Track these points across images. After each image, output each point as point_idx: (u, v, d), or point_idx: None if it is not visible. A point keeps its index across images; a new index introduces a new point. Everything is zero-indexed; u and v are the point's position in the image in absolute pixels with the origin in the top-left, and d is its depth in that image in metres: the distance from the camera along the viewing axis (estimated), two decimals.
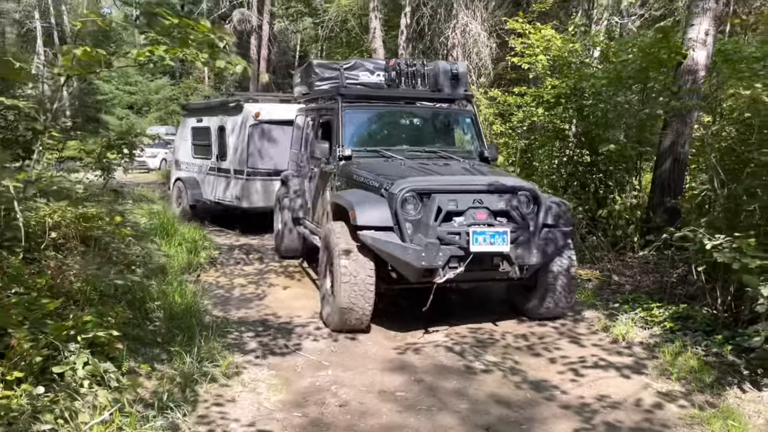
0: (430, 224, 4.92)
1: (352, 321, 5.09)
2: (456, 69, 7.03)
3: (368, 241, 4.98)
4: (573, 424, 3.65)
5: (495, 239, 4.92)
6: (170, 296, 5.38)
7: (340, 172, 6.06)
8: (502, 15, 15.67)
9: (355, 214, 5.02)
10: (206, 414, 3.67)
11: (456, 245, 4.91)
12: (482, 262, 5.03)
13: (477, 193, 5.14)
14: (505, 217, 5.16)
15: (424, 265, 4.87)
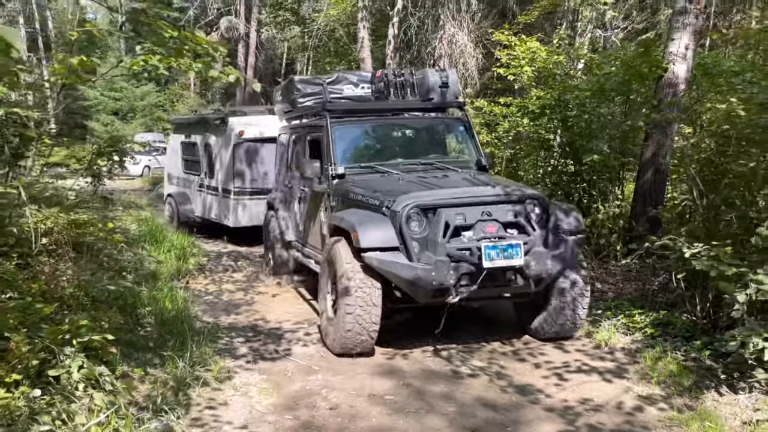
0: (439, 241, 4.66)
1: (358, 344, 4.80)
2: (446, 76, 6.75)
3: (374, 263, 4.68)
4: (557, 426, 3.76)
5: (508, 253, 4.66)
6: (161, 302, 5.44)
7: (335, 192, 5.72)
8: (489, 26, 15.93)
9: (357, 236, 4.72)
10: (199, 417, 3.75)
11: (467, 262, 4.65)
12: (495, 278, 4.76)
13: (485, 205, 4.89)
14: (515, 228, 4.93)
15: (435, 285, 4.60)
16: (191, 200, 10.85)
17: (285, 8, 20.00)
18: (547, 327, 5.29)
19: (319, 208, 6.12)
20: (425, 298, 4.77)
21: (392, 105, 6.65)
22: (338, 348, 4.88)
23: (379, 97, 6.75)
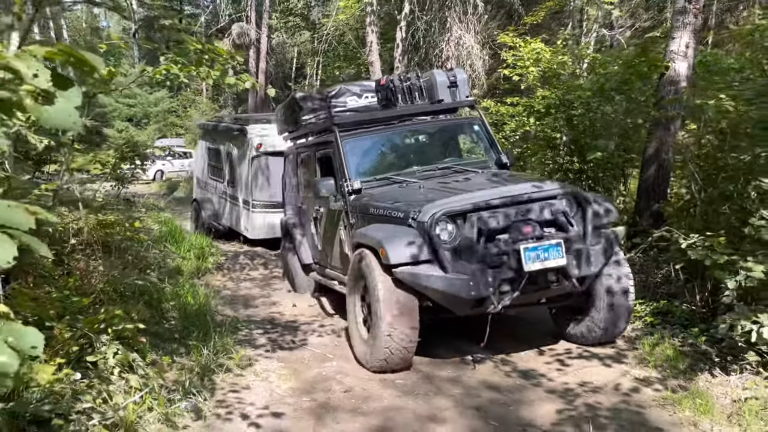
0: (473, 248, 4.42)
1: (397, 363, 4.57)
2: (453, 76, 6.49)
3: (407, 278, 4.43)
4: (556, 405, 4.01)
5: (549, 253, 4.37)
6: (183, 297, 5.75)
7: (353, 208, 5.49)
8: (496, 27, 16.18)
9: (386, 252, 4.46)
10: (224, 399, 4.05)
11: (506, 267, 4.37)
12: (536, 282, 4.49)
13: (517, 205, 4.62)
14: (553, 226, 4.66)
15: (474, 296, 4.34)
16: (215, 206, 10.88)
17: (295, 14, 20.32)
18: (590, 331, 5.00)
19: (338, 227, 5.91)
20: (464, 309, 4.53)
21: (401, 111, 6.35)
22: (377, 367, 4.63)
23: (386, 105, 6.42)
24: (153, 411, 3.53)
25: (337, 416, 3.89)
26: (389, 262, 4.44)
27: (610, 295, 4.88)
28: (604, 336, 5.00)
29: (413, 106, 6.42)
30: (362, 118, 6.24)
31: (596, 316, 4.95)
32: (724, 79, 6.59)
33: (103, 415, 3.23)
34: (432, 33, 14.00)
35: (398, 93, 6.46)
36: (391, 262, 4.43)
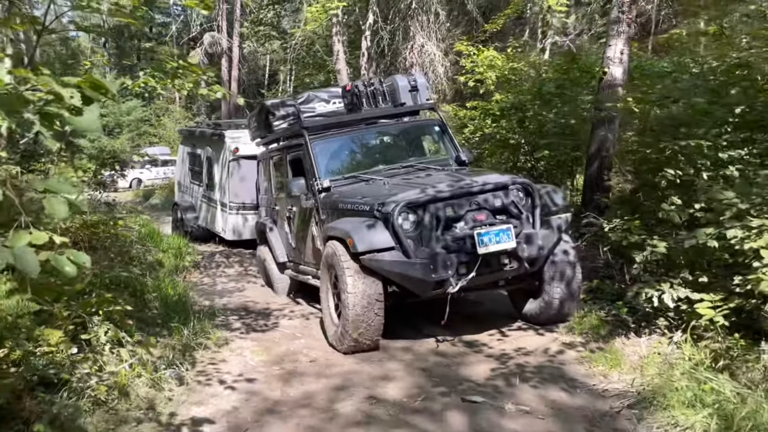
0: (432, 235, 4.90)
1: (364, 341, 4.97)
2: (414, 80, 6.94)
3: (373, 265, 4.87)
4: (492, 365, 4.68)
5: (500, 237, 4.86)
6: (164, 289, 6.30)
7: (323, 205, 5.90)
8: (459, 33, 16.94)
9: (353, 241, 4.89)
10: (204, 369, 4.64)
11: (462, 251, 4.84)
12: (490, 264, 4.95)
13: (471, 195, 5.10)
14: (504, 214, 5.15)
15: (435, 278, 4.79)
16: (195, 209, 11.28)
17: (265, 24, 20.89)
18: (543, 311, 5.49)
19: (310, 223, 6.28)
20: (426, 291, 4.96)
21: (365, 114, 6.74)
22: (346, 348, 5.03)
23: (352, 109, 6.84)
24: (142, 377, 4.11)
25: (303, 380, 4.51)
26: (356, 250, 4.86)
27: (559, 277, 5.38)
28: (556, 315, 5.48)
29: (377, 109, 6.82)
30: (330, 121, 6.68)
31: (547, 297, 5.42)
32: (646, 83, 7.36)
33: (99, 377, 3.81)
34: (396, 41, 14.69)
35: (363, 97, 6.84)
36: (358, 250, 4.86)
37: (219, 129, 10.57)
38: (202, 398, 4.15)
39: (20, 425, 3.11)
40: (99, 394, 3.69)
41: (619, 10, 8.52)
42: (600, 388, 4.20)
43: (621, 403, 3.91)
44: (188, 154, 11.90)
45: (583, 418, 3.76)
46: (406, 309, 5.65)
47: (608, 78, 8.55)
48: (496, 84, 10.36)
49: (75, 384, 3.67)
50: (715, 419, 3.49)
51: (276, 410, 3.96)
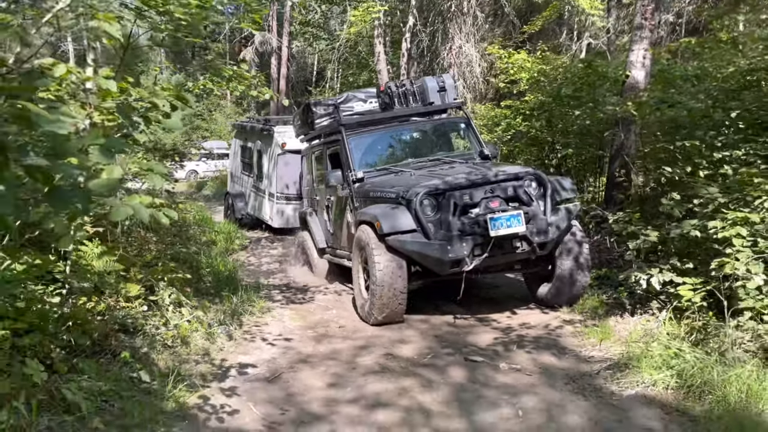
0: (450, 219, 5.44)
1: (390, 314, 5.55)
2: (442, 81, 7.48)
3: (396, 244, 5.44)
4: (495, 335, 5.37)
5: (511, 222, 5.35)
6: (216, 266, 7.19)
7: (356, 194, 6.48)
8: (499, 34, 17.49)
9: (380, 224, 5.48)
10: (249, 330, 5.48)
11: (476, 234, 5.36)
12: (503, 247, 5.46)
13: (487, 185, 5.61)
14: (516, 201, 5.63)
15: (451, 257, 5.32)
16: (245, 199, 12.21)
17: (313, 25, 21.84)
18: (555, 295, 6.00)
19: (345, 211, 6.89)
20: (444, 269, 5.48)
21: (397, 113, 7.37)
22: (374, 320, 5.63)
23: (385, 108, 7.47)
24: (198, 332, 4.96)
25: (332, 340, 5.31)
26: (383, 231, 5.46)
27: (570, 262, 5.86)
28: (567, 297, 5.96)
29: (407, 108, 7.43)
30: (364, 119, 7.32)
31: (558, 281, 5.91)
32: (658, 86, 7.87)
33: (166, 327, 4.68)
34: (436, 42, 15.35)
35: (395, 97, 7.46)
36: (384, 232, 5.46)
37: (269, 124, 11.31)
38: (247, 350, 4.99)
39: (109, 356, 3.99)
40: (166, 340, 4.55)
41: (642, 17, 9.00)
42: (586, 355, 4.85)
43: (600, 366, 4.55)
44: (240, 147, 12.80)
45: (565, 376, 4.42)
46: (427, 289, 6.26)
47: (630, 81, 9.05)
48: (528, 85, 10.95)
49: (147, 331, 4.53)
50: (674, 378, 4.11)
51: (307, 361, 4.76)
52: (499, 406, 3.91)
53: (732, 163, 5.95)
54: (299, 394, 4.10)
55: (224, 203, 13.10)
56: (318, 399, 4.02)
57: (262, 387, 4.22)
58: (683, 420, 3.65)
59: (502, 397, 4.04)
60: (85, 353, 3.86)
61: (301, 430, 3.57)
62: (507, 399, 4.02)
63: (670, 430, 3.53)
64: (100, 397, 3.44)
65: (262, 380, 4.35)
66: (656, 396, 4.01)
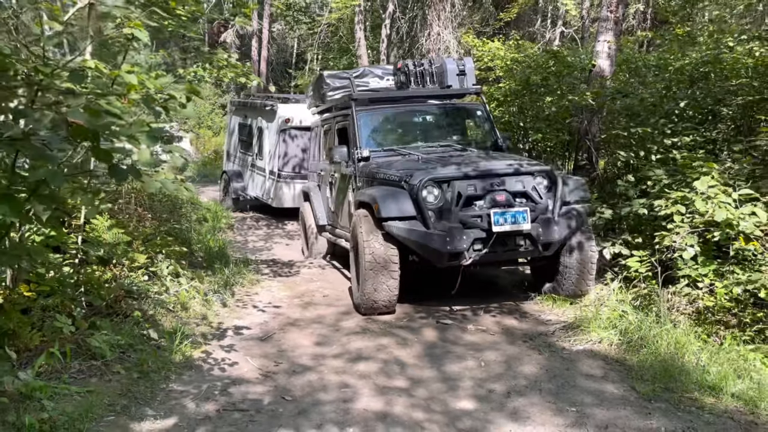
0: (452, 210, 5.18)
1: (379, 304, 5.31)
2: (463, 65, 7.07)
3: (393, 230, 5.18)
4: (465, 304, 5.94)
5: (516, 218, 5.13)
6: (206, 242, 7.67)
7: (360, 173, 6.20)
8: (477, 21, 17.96)
9: (378, 207, 5.21)
10: (241, 299, 6.00)
11: (478, 228, 5.13)
12: (505, 243, 5.23)
13: (494, 177, 5.34)
14: (524, 197, 5.39)
15: (450, 250, 5.07)
16: (244, 178, 11.74)
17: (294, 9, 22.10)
18: (557, 291, 5.81)
19: (348, 189, 6.61)
20: (442, 261, 5.24)
21: (412, 93, 7.02)
22: (363, 309, 5.42)
23: (401, 87, 7.17)
24: (195, 299, 5.47)
25: (317, 307, 5.85)
26: (380, 215, 5.23)
27: (577, 262, 5.65)
28: (571, 294, 5.74)
29: (423, 89, 7.09)
30: (377, 96, 7.02)
31: (563, 279, 5.74)
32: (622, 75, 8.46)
33: (167, 293, 5.18)
34: (415, 28, 15.80)
35: (411, 77, 7.12)
36: (382, 215, 5.22)
37: (272, 100, 10.97)
38: (241, 315, 5.51)
39: (121, 316, 4.48)
40: (168, 305, 5.05)
41: (607, 9, 9.56)
42: (544, 319, 5.46)
43: (555, 327, 5.16)
44: (238, 125, 12.30)
45: (524, 335, 5.02)
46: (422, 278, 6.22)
47: (597, 70, 9.63)
48: (503, 72, 11.48)
49: (151, 297, 5.03)
50: (617, 336, 4.73)
51: (296, 324, 5.30)
52: (465, 359, 4.49)
53: (681, 149, 6.59)
54: (290, 351, 4.64)
55: (221, 184, 12.69)
56: (306, 354, 4.57)
57: (257, 345, 4.76)
58: (620, 368, 4.27)
59: (468, 352, 4.62)
60: (101, 314, 4.35)
61: (293, 378, 4.11)
62: (472, 354, 4.60)
63: (608, 376, 4.14)
64: (118, 349, 3.96)
65: (256, 339, 4.88)
66: (601, 350, 4.63)
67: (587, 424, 3.46)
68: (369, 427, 3.43)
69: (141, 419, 3.34)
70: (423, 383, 4.05)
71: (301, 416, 3.53)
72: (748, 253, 4.93)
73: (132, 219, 6.27)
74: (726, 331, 4.77)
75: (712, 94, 7.18)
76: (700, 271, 5.13)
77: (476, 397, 3.84)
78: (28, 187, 2.68)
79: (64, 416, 3.05)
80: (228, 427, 3.37)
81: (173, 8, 4.39)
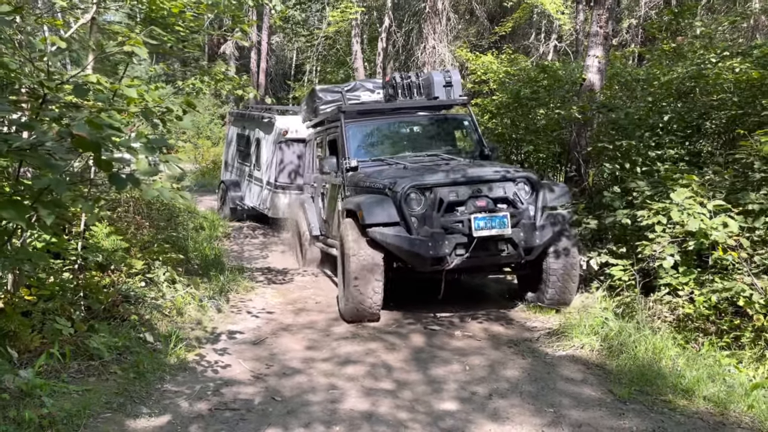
0: (434, 215, 5.32)
1: (364, 312, 5.40)
2: (449, 76, 7.22)
3: (377, 236, 5.30)
4: (453, 311, 6.10)
5: (496, 223, 5.25)
6: (203, 250, 7.82)
7: (348, 182, 6.34)
8: (472, 34, 18.25)
9: (363, 214, 5.36)
10: (235, 305, 6.16)
11: (460, 233, 5.26)
12: (487, 248, 5.34)
13: (476, 183, 5.48)
14: (506, 203, 5.52)
15: (432, 254, 5.22)
16: (241, 188, 11.81)
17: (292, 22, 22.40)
18: (541, 299, 5.86)
19: (337, 199, 6.79)
20: (424, 267, 5.40)
21: (399, 105, 7.20)
22: (348, 316, 5.53)
23: (389, 100, 7.35)
24: (191, 304, 5.62)
25: (309, 313, 6.01)
26: (364, 222, 5.36)
27: (560, 268, 5.72)
28: (555, 302, 5.79)
29: (410, 100, 7.27)
30: (365, 108, 7.22)
31: (547, 285, 5.77)
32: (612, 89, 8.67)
33: (163, 298, 5.34)
34: (411, 42, 16.06)
35: (398, 89, 7.31)
36: (365, 222, 5.36)
37: (270, 112, 11.10)
38: (235, 320, 5.67)
39: (118, 320, 4.64)
40: (164, 310, 5.21)
41: (597, 25, 9.79)
42: (530, 326, 5.61)
43: (540, 333, 5.32)
44: (237, 135, 12.47)
45: (509, 341, 5.18)
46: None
47: (587, 83, 9.85)
48: (497, 85, 11.72)
49: (148, 302, 5.19)
50: (599, 341, 4.89)
51: (288, 329, 5.45)
52: (450, 363, 4.65)
53: (665, 162, 6.77)
54: (281, 354, 4.80)
55: (219, 194, 12.78)
56: (297, 358, 4.72)
57: (249, 349, 4.91)
58: (600, 372, 4.43)
59: (454, 357, 4.78)
60: (99, 317, 4.51)
61: (283, 380, 4.26)
62: (458, 358, 4.75)
63: (587, 380, 4.30)
64: (115, 351, 4.11)
65: (249, 343, 5.04)
66: (582, 356, 4.78)
67: (563, 423, 3.62)
68: (355, 425, 3.58)
69: (136, 416, 3.49)
70: (409, 385, 4.20)
71: (290, 415, 3.68)
72: (727, 262, 5.10)
73: (130, 227, 6.42)
74: (705, 337, 4.93)
75: (697, 109, 7.40)
76: (681, 279, 5.30)
77: (459, 398, 3.99)
78: (31, 194, 2.85)
79: (62, 412, 3.20)
80: (219, 425, 3.52)
81: (173, 24, 4.57)
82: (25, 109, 2.98)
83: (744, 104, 6.71)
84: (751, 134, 5.66)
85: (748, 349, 4.62)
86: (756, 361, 4.50)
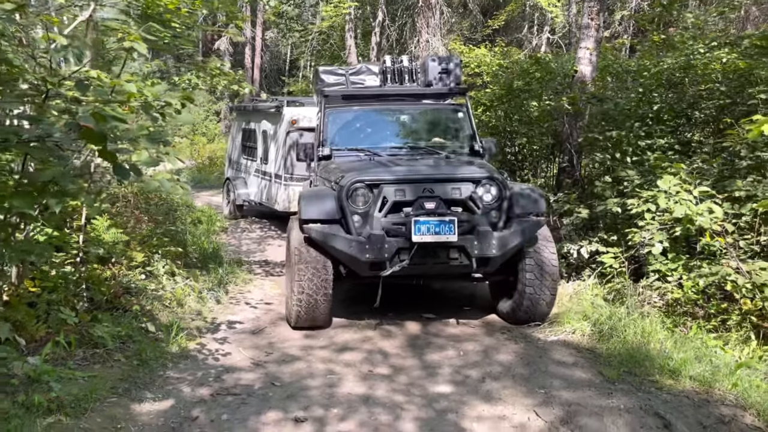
0: (375, 215, 4.80)
1: (309, 318, 4.96)
2: (447, 63, 6.67)
3: (312, 234, 4.81)
4: (449, 302, 6.22)
5: (440, 229, 4.67)
6: (201, 244, 7.92)
7: (319, 172, 5.88)
8: (466, 28, 18.35)
9: (300, 208, 4.88)
10: (234, 296, 6.26)
11: (400, 236, 4.73)
12: (435, 255, 4.82)
13: (428, 182, 4.92)
14: (460, 206, 4.94)
15: (369, 258, 4.70)
16: (247, 185, 11.34)
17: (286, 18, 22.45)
18: (516, 311, 5.24)
19: None
20: (363, 270, 4.88)
21: (390, 91, 6.60)
22: (292, 322, 5.03)
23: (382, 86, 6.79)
24: (191, 296, 5.73)
25: None
26: (301, 217, 4.90)
27: (535, 279, 5.09)
28: (529, 316, 5.22)
29: (401, 87, 6.69)
30: (350, 92, 6.60)
31: (520, 298, 5.16)
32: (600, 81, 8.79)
33: (163, 290, 5.44)
34: (404, 36, 16.14)
35: (388, 74, 6.77)
36: (302, 217, 4.88)
37: (277, 102, 10.51)
38: (234, 311, 5.78)
39: (120, 311, 4.75)
40: (164, 301, 5.32)
41: (588, 17, 9.91)
42: None
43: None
44: (241, 130, 12.10)
45: (503, 327, 5.31)
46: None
47: (579, 75, 9.97)
48: (490, 78, 11.82)
49: (149, 293, 5.30)
50: (590, 326, 5.02)
51: (286, 319, 5.56)
52: (445, 349, 4.77)
53: (655, 151, 6.90)
54: (280, 343, 4.91)
55: (223, 190, 12.51)
56: (296, 346, 4.84)
57: (249, 338, 5.03)
58: (590, 356, 4.56)
59: (449, 343, 4.90)
60: (102, 308, 4.62)
61: (282, 366, 4.38)
62: (452, 344, 4.88)
63: (578, 363, 4.43)
64: (118, 340, 4.22)
65: (248, 333, 5.15)
66: (574, 340, 4.92)
67: (553, 403, 3.74)
68: (352, 408, 3.70)
69: (141, 401, 3.61)
70: (404, 370, 4.32)
71: (289, 399, 3.80)
72: (715, 248, 5.23)
73: (129, 221, 6.52)
74: (693, 321, 5.07)
75: (686, 99, 7.53)
76: (670, 265, 5.44)
77: (453, 382, 4.12)
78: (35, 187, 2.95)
79: (70, 397, 3.32)
80: (221, 408, 3.64)
81: (169, 20, 4.66)
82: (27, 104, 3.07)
83: (732, 94, 6.84)
84: (738, 123, 5.79)
85: (734, 332, 4.77)
86: (742, 343, 4.65)
